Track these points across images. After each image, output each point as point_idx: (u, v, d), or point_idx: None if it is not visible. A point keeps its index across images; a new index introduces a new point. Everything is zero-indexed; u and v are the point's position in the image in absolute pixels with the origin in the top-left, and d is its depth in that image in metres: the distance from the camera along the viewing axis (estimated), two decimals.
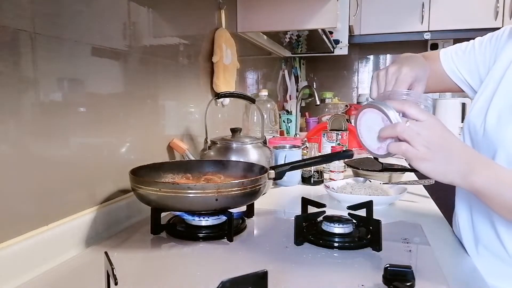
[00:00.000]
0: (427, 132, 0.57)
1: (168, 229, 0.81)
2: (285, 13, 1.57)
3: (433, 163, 0.58)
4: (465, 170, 0.59)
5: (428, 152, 0.57)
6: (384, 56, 3.22)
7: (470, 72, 0.84)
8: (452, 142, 0.59)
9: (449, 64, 0.86)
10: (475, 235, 0.77)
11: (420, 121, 0.58)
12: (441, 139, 0.58)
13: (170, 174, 0.94)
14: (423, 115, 0.58)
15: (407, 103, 0.59)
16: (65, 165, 0.74)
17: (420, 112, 0.58)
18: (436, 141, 0.58)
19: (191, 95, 1.25)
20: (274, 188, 1.25)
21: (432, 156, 0.57)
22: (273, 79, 2.43)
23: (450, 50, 0.88)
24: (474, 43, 0.86)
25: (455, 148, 0.59)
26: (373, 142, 0.61)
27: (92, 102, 0.80)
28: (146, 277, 0.63)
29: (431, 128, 0.58)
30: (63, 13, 0.72)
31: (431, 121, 0.58)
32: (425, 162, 0.58)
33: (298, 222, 0.77)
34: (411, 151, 0.57)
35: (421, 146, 0.57)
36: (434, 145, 0.57)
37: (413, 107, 0.58)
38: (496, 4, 2.50)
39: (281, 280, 0.61)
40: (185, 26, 1.20)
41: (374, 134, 0.61)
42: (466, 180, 0.59)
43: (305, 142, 1.58)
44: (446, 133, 0.59)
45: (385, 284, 0.57)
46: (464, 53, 0.86)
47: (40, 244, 0.66)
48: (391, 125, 0.58)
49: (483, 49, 0.83)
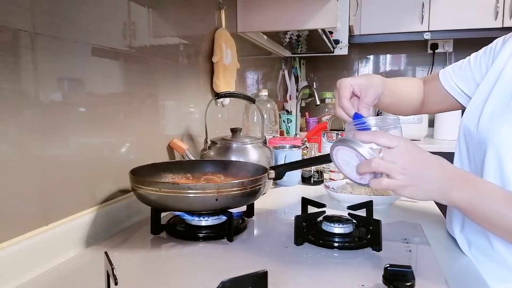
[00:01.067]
0: (402, 158, 0.58)
1: (168, 229, 0.81)
2: (285, 13, 1.57)
3: (414, 187, 0.59)
4: (444, 187, 0.60)
5: (407, 178, 0.58)
6: (384, 56, 3.22)
7: (467, 83, 0.86)
8: (427, 162, 0.60)
9: (448, 81, 0.89)
10: (467, 237, 0.77)
11: (392, 148, 0.58)
12: (416, 161, 0.59)
13: (170, 174, 0.94)
14: (393, 142, 0.59)
15: (375, 133, 0.60)
16: (65, 165, 0.74)
17: (389, 139, 0.59)
18: (412, 165, 0.58)
19: (191, 95, 1.25)
20: (274, 188, 1.25)
21: (411, 181, 0.58)
22: (273, 79, 2.43)
23: (447, 69, 0.91)
24: (469, 58, 0.88)
25: (432, 167, 0.60)
26: (354, 174, 0.62)
27: (92, 102, 0.80)
28: (146, 277, 0.63)
29: (404, 153, 0.59)
30: (63, 13, 0.72)
31: (402, 146, 0.59)
32: (407, 188, 0.59)
33: (298, 222, 0.77)
34: (391, 183, 0.58)
35: (399, 175, 0.58)
36: (411, 170, 0.58)
37: (382, 137, 0.59)
38: (496, 4, 2.50)
39: (281, 280, 0.61)
40: (185, 26, 1.20)
41: (352, 167, 0.62)
42: (446, 196, 0.60)
43: (305, 142, 1.58)
44: (419, 154, 0.60)
45: (385, 284, 0.57)
46: (460, 69, 0.88)
47: (40, 244, 0.66)
48: (366, 161, 0.59)
49: (478, 62, 0.85)
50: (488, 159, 0.70)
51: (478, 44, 0.99)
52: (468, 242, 0.77)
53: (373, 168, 0.58)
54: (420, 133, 2.58)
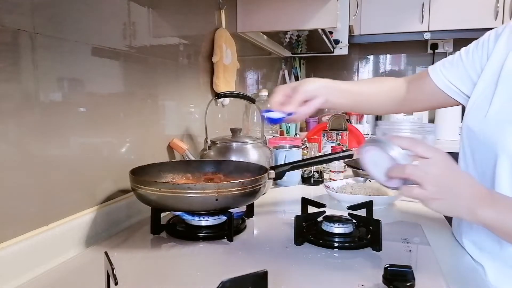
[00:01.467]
0: (435, 170, 0.57)
1: (168, 229, 0.81)
2: (285, 13, 1.57)
3: (443, 201, 0.58)
4: (472, 204, 0.59)
5: (437, 191, 0.57)
6: (384, 56, 3.22)
7: (462, 81, 0.83)
8: (459, 177, 0.60)
9: (440, 79, 0.86)
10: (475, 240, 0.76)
11: (427, 159, 0.58)
12: (448, 175, 0.58)
13: (170, 174, 0.94)
14: (429, 152, 0.58)
15: (413, 141, 0.59)
16: (65, 165, 0.74)
17: (426, 149, 0.58)
18: (444, 178, 0.58)
19: (191, 95, 1.25)
20: (274, 188, 1.25)
21: (441, 194, 0.58)
22: (273, 79, 2.43)
23: (437, 65, 0.89)
24: (460, 53, 0.86)
25: (462, 183, 0.60)
26: (381, 175, 0.62)
27: (92, 102, 0.80)
28: (146, 277, 0.63)
29: (438, 165, 0.58)
30: (63, 13, 0.72)
31: (438, 158, 0.58)
32: (435, 201, 0.58)
33: (298, 222, 0.77)
34: (421, 193, 0.57)
35: (430, 186, 0.57)
36: (442, 183, 0.57)
37: (419, 145, 0.58)
38: (496, 4, 2.50)
39: (281, 280, 0.61)
40: (185, 26, 1.20)
41: (381, 169, 0.61)
42: (473, 214, 0.59)
43: (305, 142, 1.58)
44: (453, 169, 0.59)
45: (385, 284, 0.57)
46: (452, 65, 0.86)
47: (40, 244, 0.66)
48: (400, 167, 0.58)
49: (470, 57, 0.83)
50: (500, 168, 0.69)
51: None
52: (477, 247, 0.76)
53: (406, 174, 0.57)
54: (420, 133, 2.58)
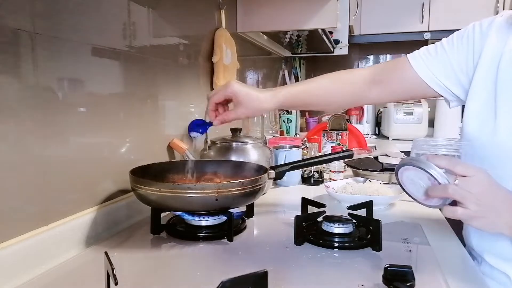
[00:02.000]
0: (477, 189, 0.57)
1: (168, 229, 0.81)
2: (285, 13, 1.57)
3: (484, 219, 0.58)
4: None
5: (479, 209, 0.57)
6: (384, 56, 3.22)
7: (447, 76, 0.80)
8: (499, 195, 0.60)
9: (423, 70, 0.82)
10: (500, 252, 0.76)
11: (468, 177, 0.57)
12: (490, 194, 0.59)
13: (170, 174, 0.94)
14: (470, 171, 0.58)
15: (452, 160, 0.59)
16: (65, 165, 0.74)
17: (466, 168, 0.58)
18: (486, 197, 0.58)
19: (191, 95, 1.25)
20: (274, 188, 1.25)
21: (482, 213, 0.58)
22: (273, 79, 2.43)
23: (417, 54, 0.84)
24: (442, 44, 0.82)
25: (503, 200, 0.60)
26: (419, 194, 0.62)
27: (92, 102, 0.80)
28: (146, 277, 0.63)
29: (479, 184, 0.58)
30: (63, 13, 0.72)
31: (479, 177, 0.58)
32: (477, 220, 0.58)
33: (298, 222, 0.77)
34: (464, 213, 0.57)
35: (472, 205, 0.57)
36: (484, 202, 0.57)
37: (459, 165, 0.58)
38: (496, 4, 2.50)
39: (281, 280, 0.61)
40: (185, 26, 1.20)
41: (420, 187, 0.61)
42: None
43: (305, 142, 1.58)
44: (493, 186, 0.60)
45: (385, 284, 0.57)
46: (435, 57, 0.81)
47: (40, 244, 0.66)
48: (441, 186, 0.58)
49: (455, 50, 0.79)
50: None
51: None
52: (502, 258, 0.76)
53: (449, 194, 0.57)
54: (420, 133, 2.59)
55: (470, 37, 0.78)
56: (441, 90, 0.82)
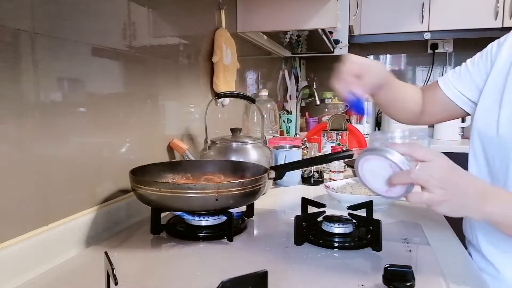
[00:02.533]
0: (439, 172, 0.57)
1: (168, 229, 0.81)
2: (285, 13, 1.57)
3: (450, 202, 0.58)
4: (478, 202, 0.60)
5: (444, 193, 0.57)
6: (384, 56, 3.22)
7: (470, 89, 0.86)
8: (462, 177, 0.60)
9: (450, 88, 0.89)
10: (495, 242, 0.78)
11: (428, 161, 0.57)
12: (452, 177, 0.59)
13: (170, 174, 0.94)
14: (430, 155, 0.58)
15: (412, 146, 0.59)
16: (65, 165, 0.74)
17: (426, 153, 0.58)
18: (449, 180, 0.58)
19: (191, 95, 1.25)
20: (274, 188, 1.25)
21: (448, 196, 0.57)
22: (273, 79, 2.43)
23: (446, 76, 0.92)
24: (466, 64, 0.89)
25: (466, 182, 0.60)
26: (380, 186, 0.61)
27: (92, 102, 0.80)
28: (146, 277, 0.63)
29: (441, 167, 0.58)
30: (63, 13, 0.72)
31: (439, 160, 0.58)
32: (443, 204, 0.58)
33: (298, 222, 0.77)
34: (430, 197, 0.57)
35: (436, 189, 0.57)
36: (448, 185, 0.57)
37: (419, 150, 0.58)
38: (496, 4, 2.50)
39: (281, 280, 0.61)
40: (185, 26, 1.20)
41: (381, 178, 0.60)
42: (480, 212, 0.60)
43: (305, 142, 1.58)
44: (456, 169, 0.60)
45: (385, 284, 0.57)
46: (460, 75, 0.89)
47: (40, 244, 0.66)
48: (404, 172, 0.57)
49: (476, 66, 0.86)
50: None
51: (478, 44, 0.99)
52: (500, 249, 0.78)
53: (412, 179, 0.57)
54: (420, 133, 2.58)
55: (489, 53, 0.84)
56: (465, 106, 0.88)
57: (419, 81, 3.13)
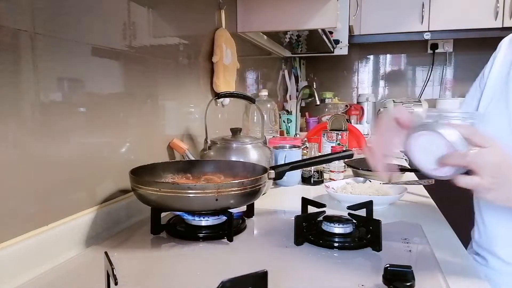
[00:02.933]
0: (494, 160, 0.56)
1: (168, 229, 0.81)
2: (285, 13, 1.57)
3: (497, 191, 0.57)
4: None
5: (494, 181, 0.56)
6: (384, 56, 3.22)
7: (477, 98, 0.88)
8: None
9: None
10: None
11: (485, 148, 0.56)
12: (505, 166, 0.57)
13: (170, 174, 0.94)
14: (488, 142, 0.57)
15: (470, 129, 0.58)
16: (65, 165, 0.74)
17: (484, 138, 0.57)
18: (502, 169, 0.57)
19: (191, 95, 1.25)
20: (274, 188, 1.25)
21: (496, 185, 0.57)
22: (273, 79, 2.43)
23: None
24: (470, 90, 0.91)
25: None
26: (429, 163, 0.59)
27: (92, 102, 0.80)
28: (146, 277, 0.63)
29: (496, 155, 0.57)
30: (63, 13, 0.72)
31: (495, 148, 0.57)
32: (490, 192, 0.57)
33: (298, 222, 0.77)
34: (480, 183, 0.56)
35: (488, 176, 0.56)
36: (500, 174, 0.56)
37: (477, 134, 0.57)
38: (496, 4, 2.50)
39: (281, 280, 0.61)
40: (185, 26, 1.20)
41: (431, 156, 0.58)
42: None
43: (305, 142, 1.58)
44: (509, 160, 0.58)
45: (385, 284, 0.57)
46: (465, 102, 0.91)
47: (40, 244, 0.66)
48: (459, 154, 0.56)
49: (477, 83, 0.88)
50: None
51: (478, 44, 0.99)
52: None
53: (467, 162, 0.56)
54: None
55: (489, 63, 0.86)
56: None
57: (419, 81, 3.13)
